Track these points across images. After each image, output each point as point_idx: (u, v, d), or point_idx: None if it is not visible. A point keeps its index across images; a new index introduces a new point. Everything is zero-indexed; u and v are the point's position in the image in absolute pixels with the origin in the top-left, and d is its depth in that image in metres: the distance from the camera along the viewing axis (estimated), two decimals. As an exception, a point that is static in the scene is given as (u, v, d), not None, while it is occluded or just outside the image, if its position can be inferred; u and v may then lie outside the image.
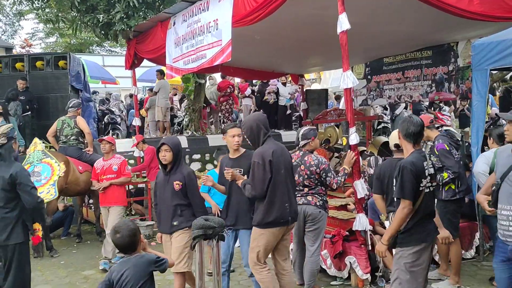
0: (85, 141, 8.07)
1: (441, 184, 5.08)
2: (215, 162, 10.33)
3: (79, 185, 7.57)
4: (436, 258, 5.66)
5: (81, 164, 7.70)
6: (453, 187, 5.18)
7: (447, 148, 5.15)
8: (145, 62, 10.10)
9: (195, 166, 10.14)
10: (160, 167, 4.80)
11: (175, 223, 4.59)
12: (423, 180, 3.62)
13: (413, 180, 3.55)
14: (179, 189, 4.58)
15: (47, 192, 6.92)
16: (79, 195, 8.10)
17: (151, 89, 13.87)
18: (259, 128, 4.38)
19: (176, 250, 4.55)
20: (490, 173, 5.09)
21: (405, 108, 12.47)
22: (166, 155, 4.59)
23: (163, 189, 4.68)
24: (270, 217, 4.25)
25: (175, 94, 15.76)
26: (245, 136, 4.53)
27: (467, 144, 8.34)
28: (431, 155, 5.16)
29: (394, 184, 3.81)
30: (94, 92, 15.65)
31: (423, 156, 3.70)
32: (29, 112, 10.14)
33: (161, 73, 12.33)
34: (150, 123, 12.82)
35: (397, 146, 4.65)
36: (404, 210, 3.56)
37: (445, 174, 5.07)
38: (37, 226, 4.49)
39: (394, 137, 4.72)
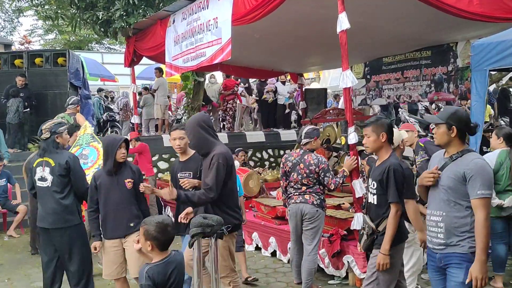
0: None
1: None
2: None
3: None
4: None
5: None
6: None
7: (431, 140, 5.22)
8: (144, 60, 10.09)
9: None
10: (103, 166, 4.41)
11: (131, 224, 4.28)
12: None
13: (403, 182, 3.58)
14: (131, 187, 4.29)
15: (87, 175, 6.96)
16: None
17: (145, 88, 13.86)
18: (204, 129, 4.03)
19: (134, 253, 3.99)
20: (494, 174, 5.11)
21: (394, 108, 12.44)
22: (125, 153, 4.35)
23: (111, 191, 4.31)
24: (237, 220, 4.11)
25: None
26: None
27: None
28: (419, 152, 5.23)
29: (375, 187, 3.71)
30: (101, 90, 15.68)
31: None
32: (28, 109, 10.13)
33: (159, 71, 12.30)
34: (144, 121, 12.80)
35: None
36: (398, 213, 3.55)
37: None
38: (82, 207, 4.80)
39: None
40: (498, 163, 5.05)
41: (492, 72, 7.58)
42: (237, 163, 5.58)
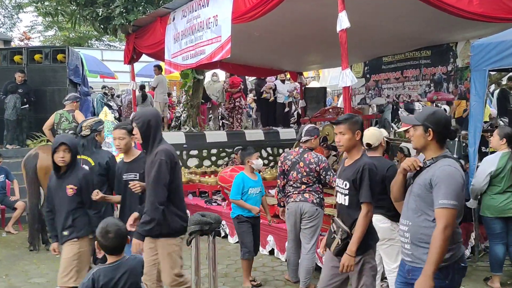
0: None
1: None
2: (217, 161, 10.39)
3: None
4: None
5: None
6: None
7: None
8: (144, 57, 10.08)
9: (193, 162, 10.12)
10: (53, 169, 4.26)
11: (65, 233, 4.11)
12: None
13: (378, 181, 3.54)
14: (73, 193, 4.10)
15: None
16: None
17: (141, 86, 13.82)
18: (157, 124, 3.90)
19: (63, 262, 4.06)
20: (494, 177, 5.11)
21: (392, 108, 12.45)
22: (65, 157, 4.09)
23: (56, 194, 4.21)
24: (185, 222, 3.91)
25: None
26: (138, 131, 3.89)
27: (464, 144, 8.35)
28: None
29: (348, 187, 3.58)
30: (104, 87, 15.64)
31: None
32: (27, 105, 10.11)
33: (158, 68, 12.26)
34: None
35: (368, 145, 4.50)
36: (369, 214, 3.43)
37: None
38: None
39: (367, 136, 4.52)
40: (500, 165, 5.05)
41: (492, 73, 7.59)
42: (260, 162, 5.47)
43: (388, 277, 4.44)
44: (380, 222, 4.30)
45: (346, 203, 3.49)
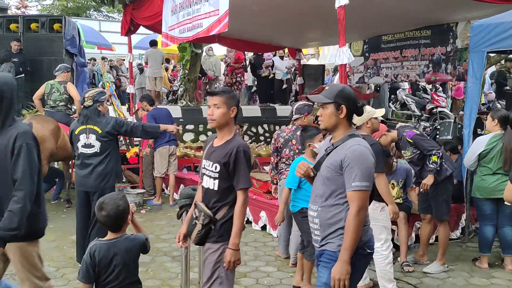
0: (73, 108, 8.01)
1: (438, 168, 4.95)
2: (236, 136, 10.38)
3: (67, 150, 7.53)
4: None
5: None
6: (435, 159, 4.95)
7: (418, 133, 5.15)
8: (142, 30, 9.98)
9: (189, 137, 10.12)
10: None
11: None
12: None
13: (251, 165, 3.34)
14: None
15: None
16: (65, 160, 8.07)
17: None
18: (12, 96, 3.04)
19: None
20: (480, 159, 5.12)
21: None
22: None
23: None
24: (45, 223, 3.24)
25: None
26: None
27: (460, 126, 8.35)
28: (407, 147, 5.12)
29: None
30: (104, 58, 15.50)
31: None
32: (23, 75, 10.03)
33: (151, 44, 12.21)
34: (136, 90, 12.68)
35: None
36: (247, 200, 3.13)
37: (434, 157, 4.93)
38: None
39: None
40: (489, 145, 5.05)
41: (491, 54, 7.53)
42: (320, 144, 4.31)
43: (375, 257, 4.43)
44: None
45: (215, 188, 3.12)
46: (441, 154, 5.00)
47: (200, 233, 3.09)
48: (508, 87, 11.44)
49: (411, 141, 5.10)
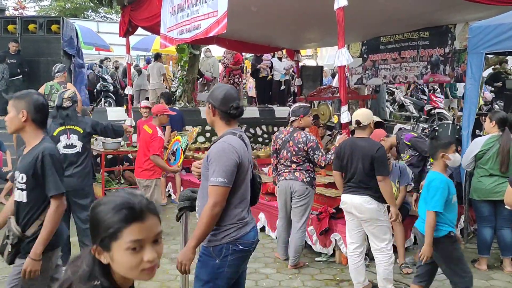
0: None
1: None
2: (207, 135, 10.37)
3: None
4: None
5: None
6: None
7: (416, 135, 5.16)
8: (140, 31, 9.95)
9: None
10: None
11: None
12: None
13: (60, 168, 3.16)
14: None
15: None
16: None
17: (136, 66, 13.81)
18: None
19: None
20: (477, 160, 5.11)
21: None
22: None
23: None
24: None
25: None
26: None
27: (458, 127, 8.35)
28: (405, 150, 5.14)
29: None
30: (106, 59, 15.48)
31: None
32: (20, 76, 10.00)
33: (155, 58, 12.40)
34: (134, 92, 12.70)
35: (358, 122, 4.43)
36: (60, 209, 2.95)
37: (432, 159, 4.97)
38: None
39: (357, 114, 4.52)
40: (485, 146, 5.04)
41: (490, 56, 7.53)
42: (457, 157, 3.92)
43: (377, 256, 4.46)
44: (367, 203, 4.31)
45: (25, 200, 2.92)
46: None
47: (11, 252, 2.93)
48: (492, 88, 11.43)
49: (409, 143, 5.12)
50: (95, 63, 15.87)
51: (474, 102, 5.59)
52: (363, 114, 4.48)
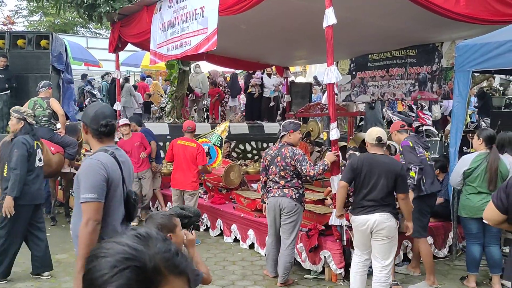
0: (58, 124, 7.97)
1: (415, 183, 5.02)
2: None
3: (52, 166, 7.46)
4: (410, 255, 5.74)
5: (53, 145, 7.60)
6: (413, 174, 5.04)
7: (411, 145, 5.20)
8: (130, 46, 9.96)
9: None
10: None
11: None
12: None
13: None
14: None
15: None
16: (50, 176, 7.98)
17: (126, 79, 13.85)
18: None
19: None
20: (465, 178, 5.15)
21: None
22: None
23: None
24: None
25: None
26: None
27: (446, 144, 8.42)
28: (401, 155, 5.23)
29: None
30: (107, 73, 15.51)
31: None
32: (8, 91, 9.92)
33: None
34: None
35: (380, 139, 4.44)
36: None
37: (411, 173, 5.01)
38: None
39: (378, 131, 4.59)
40: (473, 163, 5.08)
41: (476, 74, 7.64)
42: None
43: (376, 274, 4.42)
44: (388, 220, 4.31)
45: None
46: (418, 170, 5.04)
47: None
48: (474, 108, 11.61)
49: (401, 149, 5.19)
50: (93, 78, 15.86)
51: (461, 119, 5.64)
52: (383, 132, 4.53)
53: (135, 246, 0.94)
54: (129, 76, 15.25)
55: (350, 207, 4.75)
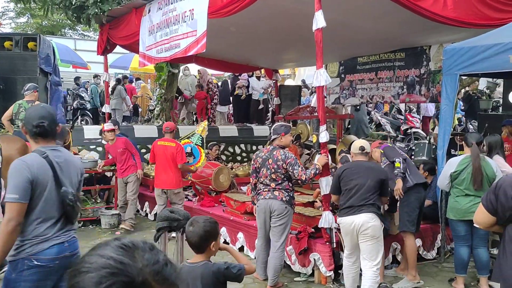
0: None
1: (403, 171, 5.23)
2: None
3: None
4: (399, 257, 5.76)
5: None
6: (398, 164, 5.25)
7: (391, 145, 5.36)
8: (118, 48, 9.91)
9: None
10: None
11: None
12: None
13: None
14: None
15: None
16: None
17: (118, 80, 13.78)
18: None
19: None
20: (452, 180, 5.19)
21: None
22: None
23: None
24: None
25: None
26: None
27: (434, 146, 8.49)
28: (381, 158, 5.41)
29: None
30: (96, 76, 15.45)
31: None
32: (-6, 94, 9.83)
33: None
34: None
35: (363, 149, 4.74)
36: None
37: (396, 164, 5.22)
38: None
39: (361, 142, 4.91)
40: (460, 166, 5.13)
41: (463, 77, 7.72)
42: None
43: (365, 272, 4.55)
44: (372, 220, 4.46)
45: None
46: (402, 160, 5.25)
47: None
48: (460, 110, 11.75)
49: (383, 151, 5.32)
50: (88, 81, 15.77)
51: (449, 122, 5.70)
52: (366, 143, 4.85)
53: (120, 259, 0.86)
54: (122, 78, 15.12)
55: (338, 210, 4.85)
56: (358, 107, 11.78)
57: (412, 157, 8.94)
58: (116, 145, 7.72)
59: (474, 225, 3.01)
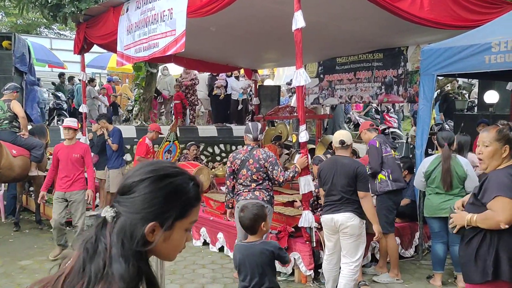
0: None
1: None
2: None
3: (14, 170, 7.24)
4: (377, 256, 5.82)
5: (15, 148, 7.36)
6: (383, 177, 5.38)
7: (377, 146, 5.37)
8: (95, 48, 9.78)
9: (143, 157, 9.92)
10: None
11: None
12: None
13: None
14: None
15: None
16: (15, 181, 7.74)
17: (91, 79, 13.67)
18: None
19: None
20: (426, 179, 5.27)
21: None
22: None
23: None
24: None
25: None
26: None
27: (412, 146, 8.60)
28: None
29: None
30: (71, 78, 15.18)
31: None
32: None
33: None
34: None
35: (342, 142, 4.67)
36: None
37: (381, 176, 5.38)
38: None
39: (341, 134, 4.80)
40: (431, 165, 5.21)
41: (440, 77, 7.83)
42: None
43: (343, 269, 4.58)
44: (350, 219, 4.46)
45: None
46: (370, 172, 5.33)
47: None
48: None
49: (368, 148, 5.37)
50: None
51: (427, 121, 5.78)
52: (347, 135, 4.77)
53: (185, 171, 1.33)
54: (94, 78, 14.94)
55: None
56: (334, 106, 11.87)
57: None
58: (73, 149, 6.29)
59: (501, 227, 2.82)
